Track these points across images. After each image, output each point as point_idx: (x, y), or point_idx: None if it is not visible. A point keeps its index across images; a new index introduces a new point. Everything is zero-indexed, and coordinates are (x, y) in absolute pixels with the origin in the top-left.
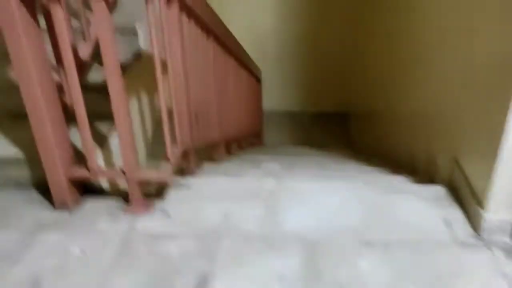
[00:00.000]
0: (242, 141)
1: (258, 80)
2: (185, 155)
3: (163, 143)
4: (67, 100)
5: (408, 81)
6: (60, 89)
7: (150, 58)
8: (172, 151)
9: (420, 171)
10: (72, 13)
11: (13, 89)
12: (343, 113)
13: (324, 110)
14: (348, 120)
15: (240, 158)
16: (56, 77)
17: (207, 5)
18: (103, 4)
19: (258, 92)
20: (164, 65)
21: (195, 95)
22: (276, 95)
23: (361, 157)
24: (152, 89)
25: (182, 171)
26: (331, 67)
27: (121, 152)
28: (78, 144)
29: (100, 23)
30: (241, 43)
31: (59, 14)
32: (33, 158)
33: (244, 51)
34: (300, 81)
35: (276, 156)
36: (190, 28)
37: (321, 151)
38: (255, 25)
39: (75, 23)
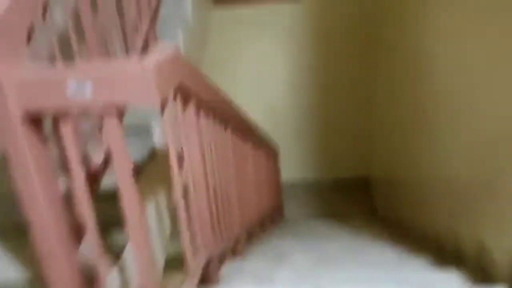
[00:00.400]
0: (263, 220)
1: (275, 155)
2: (208, 263)
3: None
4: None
5: (440, 145)
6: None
7: (166, 156)
8: (194, 262)
9: (467, 260)
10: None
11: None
12: (363, 178)
13: (343, 176)
14: (369, 185)
15: (264, 246)
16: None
17: (223, 97)
18: (116, 121)
19: (276, 167)
20: (181, 163)
21: (215, 190)
22: (293, 165)
23: (392, 233)
24: (170, 189)
25: (203, 278)
26: (349, 131)
27: (137, 270)
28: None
29: (112, 135)
30: (255, 115)
31: (68, 133)
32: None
33: (260, 129)
34: (317, 148)
35: (302, 242)
36: (208, 124)
37: (347, 225)
38: (268, 97)
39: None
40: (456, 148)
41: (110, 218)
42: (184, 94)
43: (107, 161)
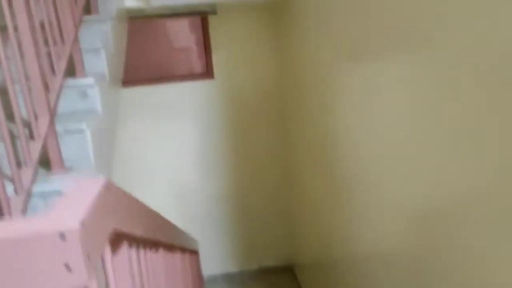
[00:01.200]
0: None
1: (196, 252)
2: None
3: None
4: None
5: (367, 222)
6: None
7: None
8: None
9: None
10: None
11: None
12: (288, 266)
13: (265, 265)
14: (295, 273)
15: None
16: None
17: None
18: None
19: (198, 265)
20: None
21: None
22: (211, 258)
23: None
24: None
25: None
26: (268, 215)
27: None
28: None
29: None
30: (166, 203)
31: None
32: None
33: (183, 232)
34: (236, 237)
35: None
36: (140, 257)
37: None
38: (179, 182)
39: None
40: (383, 224)
41: None
42: (116, 239)
43: None
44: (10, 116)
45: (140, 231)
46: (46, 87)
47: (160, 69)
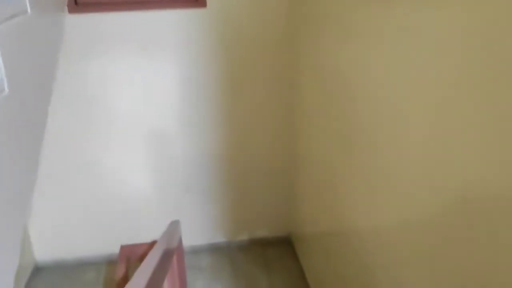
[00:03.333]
0: None
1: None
2: None
3: None
4: None
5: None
6: None
7: None
8: None
9: None
10: None
11: None
12: (284, 236)
13: (258, 236)
14: (292, 244)
15: None
16: None
17: None
18: None
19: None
20: None
21: None
22: (194, 226)
23: None
24: None
25: None
26: (261, 183)
27: None
28: None
29: None
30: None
31: None
32: None
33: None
34: (223, 205)
35: None
36: None
37: None
38: (158, 137)
39: None
40: (404, 197)
41: None
42: None
43: None
44: None
45: None
46: None
47: None
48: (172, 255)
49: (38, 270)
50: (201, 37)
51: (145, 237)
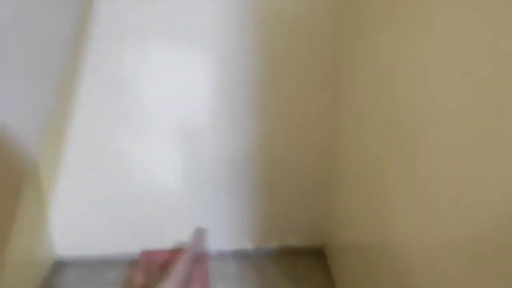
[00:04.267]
0: None
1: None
2: None
3: None
4: None
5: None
6: None
7: None
8: None
9: None
10: None
11: None
12: (317, 246)
13: (288, 244)
14: (324, 254)
15: None
16: None
17: None
18: None
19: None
20: None
21: None
22: (221, 230)
23: None
24: None
25: None
26: (295, 187)
27: None
28: None
29: None
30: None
31: None
32: None
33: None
34: (252, 210)
35: None
36: None
37: None
38: (186, 133)
39: None
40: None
41: None
42: None
43: None
44: None
45: None
46: None
47: None
48: (197, 265)
49: (58, 265)
50: (240, 26)
51: (169, 237)
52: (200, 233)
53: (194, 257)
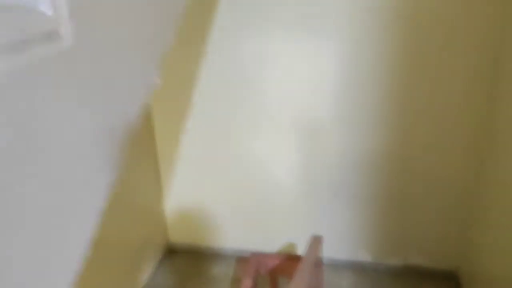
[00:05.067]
0: None
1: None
2: None
3: None
4: None
5: None
6: None
7: None
8: None
9: None
10: None
11: None
12: (449, 270)
13: (414, 263)
14: (458, 281)
15: None
16: None
17: None
18: None
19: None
20: None
21: None
22: (337, 238)
23: None
24: None
25: None
26: (430, 202)
27: None
28: None
29: None
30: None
31: None
32: None
33: None
34: (377, 219)
35: None
36: None
37: None
38: (308, 128)
39: None
40: None
41: None
42: None
43: None
44: None
45: None
46: None
47: None
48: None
49: (170, 252)
50: (373, 13)
51: (281, 238)
52: (317, 241)
53: (313, 269)
